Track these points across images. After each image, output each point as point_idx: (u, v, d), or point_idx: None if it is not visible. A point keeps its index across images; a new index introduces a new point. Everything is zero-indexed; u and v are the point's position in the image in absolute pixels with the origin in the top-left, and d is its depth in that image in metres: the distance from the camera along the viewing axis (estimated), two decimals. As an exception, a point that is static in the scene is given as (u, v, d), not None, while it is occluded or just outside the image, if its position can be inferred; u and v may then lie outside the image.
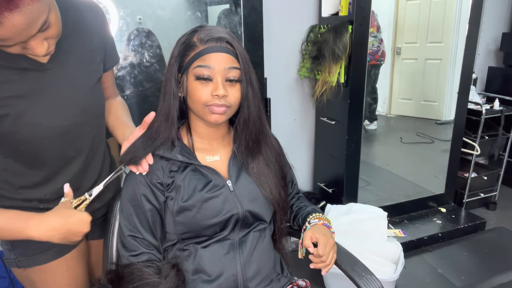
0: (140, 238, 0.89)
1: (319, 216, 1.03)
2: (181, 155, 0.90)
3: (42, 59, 0.81)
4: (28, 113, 0.80)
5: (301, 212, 1.08)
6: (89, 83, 0.92)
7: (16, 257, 0.95)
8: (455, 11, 2.48)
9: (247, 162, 0.95)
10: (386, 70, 2.89)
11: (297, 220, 1.08)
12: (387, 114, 3.01)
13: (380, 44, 2.66)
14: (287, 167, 1.07)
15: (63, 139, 0.88)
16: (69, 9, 0.87)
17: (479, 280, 1.99)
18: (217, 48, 0.83)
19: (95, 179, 0.99)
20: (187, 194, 0.88)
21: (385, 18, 2.79)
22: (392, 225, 2.34)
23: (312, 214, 1.03)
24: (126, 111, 1.09)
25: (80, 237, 0.87)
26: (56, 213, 0.85)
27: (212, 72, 0.83)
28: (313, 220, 1.02)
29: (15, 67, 0.78)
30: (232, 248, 0.92)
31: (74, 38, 0.88)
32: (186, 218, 0.88)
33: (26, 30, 0.66)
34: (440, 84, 2.72)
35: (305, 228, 1.01)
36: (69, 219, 0.84)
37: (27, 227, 0.82)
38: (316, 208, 1.09)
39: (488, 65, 2.94)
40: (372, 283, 0.93)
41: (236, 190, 0.93)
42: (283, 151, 1.06)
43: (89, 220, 0.86)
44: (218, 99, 0.84)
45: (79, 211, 0.88)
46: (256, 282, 0.94)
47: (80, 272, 1.04)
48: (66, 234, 0.84)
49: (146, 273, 0.84)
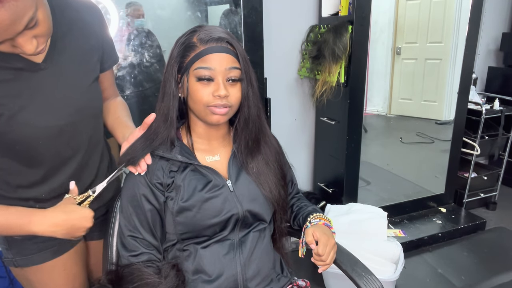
0: (140, 239, 0.89)
1: (320, 216, 1.03)
2: (181, 155, 0.90)
3: (37, 58, 0.81)
4: (22, 113, 0.80)
5: (302, 212, 1.08)
6: (85, 83, 0.92)
7: (13, 256, 0.95)
8: (455, 11, 2.47)
9: (246, 162, 0.95)
10: (386, 70, 2.89)
11: (297, 220, 1.08)
12: (387, 114, 3.01)
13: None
14: (286, 167, 1.07)
15: (59, 139, 0.88)
16: (65, 8, 0.87)
17: (479, 280, 1.99)
18: (218, 49, 0.83)
19: (92, 179, 0.99)
20: (187, 194, 0.88)
21: (385, 18, 2.78)
22: (392, 225, 2.34)
23: (312, 214, 1.03)
24: (127, 111, 1.09)
25: (83, 232, 0.88)
26: (59, 209, 0.86)
27: (213, 72, 0.83)
28: (314, 220, 1.02)
29: (9, 67, 0.78)
30: (232, 248, 0.92)
31: (70, 38, 0.87)
32: (186, 218, 0.88)
33: (11, 26, 0.65)
34: (440, 84, 2.72)
35: (306, 227, 1.01)
36: (72, 215, 0.86)
37: (31, 223, 0.83)
38: (316, 208, 1.09)
39: (488, 65, 2.94)
40: (372, 283, 0.93)
41: (236, 190, 0.93)
42: (282, 150, 1.06)
43: (91, 216, 0.88)
44: (219, 100, 0.84)
45: (82, 207, 0.89)
46: (256, 282, 0.94)
47: (77, 273, 1.04)
48: (70, 229, 0.85)
49: (146, 273, 0.84)
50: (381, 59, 2.86)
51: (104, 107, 1.04)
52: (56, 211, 0.86)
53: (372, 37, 2.57)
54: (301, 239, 1.01)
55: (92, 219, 0.88)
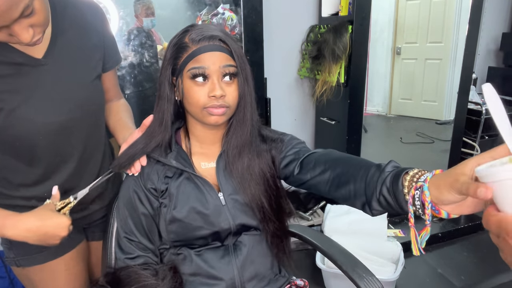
0: (135, 242, 0.89)
1: (418, 170, 0.64)
2: (176, 161, 0.88)
3: (37, 54, 0.81)
4: (22, 108, 0.80)
5: (373, 179, 0.69)
6: (86, 80, 0.92)
7: (15, 256, 0.95)
8: (455, 11, 2.48)
9: (232, 165, 0.89)
10: (386, 70, 2.89)
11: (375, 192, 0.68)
12: (387, 114, 3.01)
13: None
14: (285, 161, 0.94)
15: (59, 135, 0.87)
16: (67, 6, 0.88)
17: (479, 280, 1.99)
18: (210, 47, 0.80)
19: (94, 178, 0.99)
20: (179, 204, 0.87)
21: (385, 18, 2.79)
22: (392, 225, 2.34)
23: (404, 173, 0.64)
24: (129, 113, 1.08)
25: (57, 241, 0.84)
26: (35, 214, 0.83)
27: (207, 72, 0.80)
28: (422, 175, 0.62)
29: (9, 62, 0.78)
30: (227, 252, 0.91)
31: (71, 34, 0.88)
32: (178, 228, 0.87)
33: (7, 12, 0.65)
34: (440, 84, 2.72)
35: (422, 189, 0.59)
36: (47, 222, 0.82)
37: (4, 226, 0.80)
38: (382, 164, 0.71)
39: (488, 65, 2.94)
40: (373, 284, 0.93)
41: (228, 203, 0.89)
42: (287, 141, 0.95)
43: (67, 225, 0.83)
44: (216, 100, 0.80)
45: (59, 214, 0.84)
46: (253, 283, 0.93)
47: (79, 272, 1.04)
48: (42, 236, 0.82)
49: (143, 275, 0.83)
50: (381, 59, 2.86)
51: (107, 109, 1.04)
52: (31, 217, 0.81)
53: (372, 37, 2.57)
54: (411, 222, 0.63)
55: (67, 228, 0.83)
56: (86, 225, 1.06)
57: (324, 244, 1.12)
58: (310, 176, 0.82)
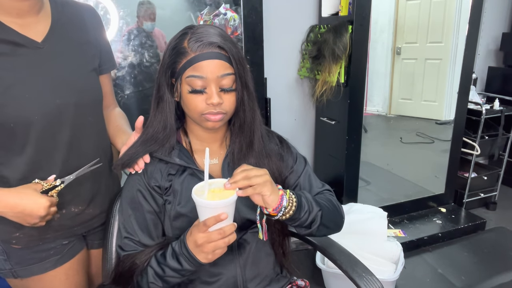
0: (136, 241, 0.89)
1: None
2: (179, 158, 0.89)
3: (36, 37, 0.84)
4: (17, 86, 0.82)
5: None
6: (82, 69, 0.94)
7: (12, 267, 0.93)
8: (455, 11, 2.48)
9: (239, 165, 0.90)
10: (386, 70, 2.89)
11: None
12: (387, 114, 3.01)
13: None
14: (290, 168, 1.00)
15: (54, 119, 0.87)
16: (66, 5, 0.94)
17: (479, 280, 1.99)
18: (209, 55, 0.80)
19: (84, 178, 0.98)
20: (184, 199, 0.87)
21: (385, 18, 2.78)
22: (392, 225, 2.34)
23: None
24: (125, 120, 1.10)
25: (36, 220, 0.84)
26: (16, 191, 0.83)
27: (205, 81, 0.81)
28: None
29: (6, 41, 0.81)
30: (231, 249, 0.91)
31: (69, 28, 0.93)
32: (182, 223, 0.88)
33: None
34: (440, 84, 2.72)
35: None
36: (25, 200, 0.82)
37: None
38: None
39: (488, 65, 2.94)
40: (373, 283, 0.93)
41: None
42: (289, 147, 1.01)
43: (46, 205, 0.83)
44: (213, 107, 0.82)
45: (39, 194, 0.84)
46: (255, 282, 0.94)
47: (79, 282, 1.03)
48: (20, 214, 0.82)
49: (137, 254, 0.87)
50: (381, 59, 2.86)
51: (105, 116, 1.05)
52: (11, 193, 0.83)
53: (372, 37, 2.56)
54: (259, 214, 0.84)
55: (46, 208, 0.83)
56: (86, 233, 1.05)
57: (324, 244, 1.12)
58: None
